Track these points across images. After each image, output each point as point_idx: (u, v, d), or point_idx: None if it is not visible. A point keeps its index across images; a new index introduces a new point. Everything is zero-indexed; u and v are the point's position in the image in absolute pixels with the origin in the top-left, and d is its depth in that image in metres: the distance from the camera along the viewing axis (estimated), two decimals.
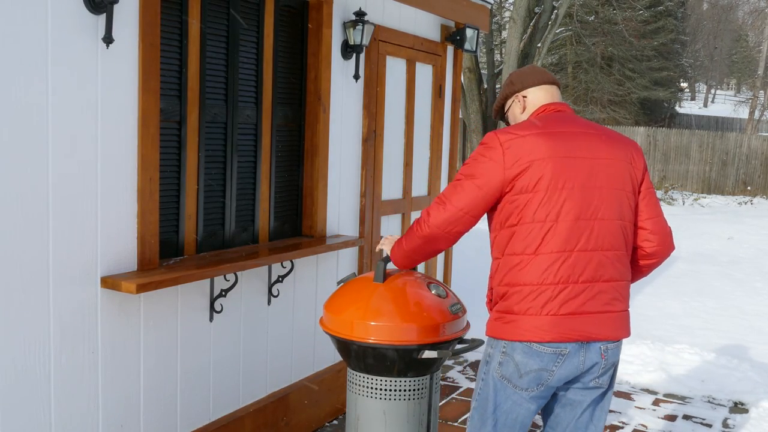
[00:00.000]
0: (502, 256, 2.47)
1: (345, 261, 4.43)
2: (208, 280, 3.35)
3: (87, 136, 2.75)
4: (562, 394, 2.54)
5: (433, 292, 2.86)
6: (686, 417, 4.65)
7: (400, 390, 2.85)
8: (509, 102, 2.72)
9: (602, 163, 2.44)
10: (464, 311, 2.91)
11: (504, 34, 23.64)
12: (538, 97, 2.63)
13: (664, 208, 17.72)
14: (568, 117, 2.56)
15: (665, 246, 2.59)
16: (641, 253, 2.59)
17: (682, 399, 4.97)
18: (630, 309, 2.56)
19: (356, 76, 4.34)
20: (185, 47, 3.24)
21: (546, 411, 2.64)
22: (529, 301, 2.38)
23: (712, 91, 50.10)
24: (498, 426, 2.51)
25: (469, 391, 4.92)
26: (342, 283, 3.00)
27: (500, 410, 2.50)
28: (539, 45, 18.87)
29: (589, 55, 25.09)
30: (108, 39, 2.76)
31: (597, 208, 2.40)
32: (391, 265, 2.86)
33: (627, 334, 2.49)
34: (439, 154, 5.41)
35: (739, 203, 18.84)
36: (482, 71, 22.23)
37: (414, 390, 2.87)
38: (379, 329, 2.72)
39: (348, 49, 4.21)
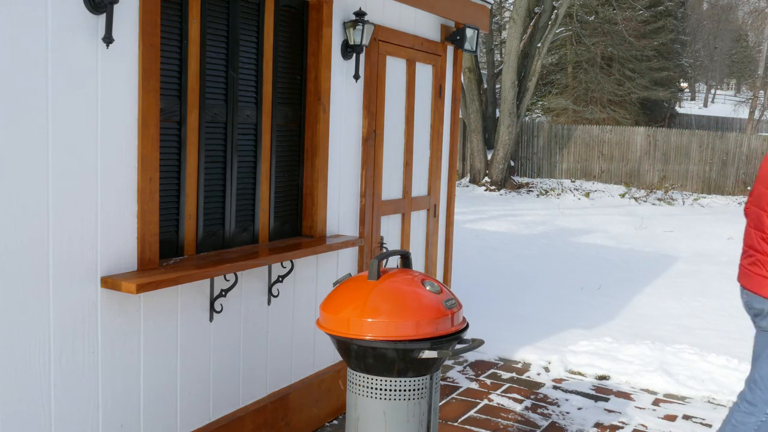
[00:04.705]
0: None
1: (345, 261, 4.43)
2: (208, 280, 3.35)
3: (87, 136, 2.75)
4: None
5: (427, 288, 2.88)
6: (686, 417, 4.66)
7: (400, 390, 2.86)
8: None
9: None
10: (459, 307, 2.94)
11: (504, 34, 23.66)
12: None
13: (664, 208, 17.74)
14: None
15: None
16: None
17: (682, 399, 4.97)
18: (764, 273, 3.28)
19: (356, 76, 4.34)
20: (185, 47, 3.24)
21: None
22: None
23: (712, 91, 50.11)
24: None
25: (469, 391, 4.92)
26: (338, 284, 3.01)
27: None
28: (539, 45, 18.88)
29: (589, 55, 25.10)
30: (108, 39, 2.76)
31: (761, 199, 3.29)
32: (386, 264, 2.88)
33: (750, 287, 3.33)
34: (439, 154, 5.41)
35: (739, 203, 18.84)
36: (482, 71, 22.26)
37: (414, 390, 2.88)
38: (375, 325, 2.73)
39: (348, 49, 4.21)
